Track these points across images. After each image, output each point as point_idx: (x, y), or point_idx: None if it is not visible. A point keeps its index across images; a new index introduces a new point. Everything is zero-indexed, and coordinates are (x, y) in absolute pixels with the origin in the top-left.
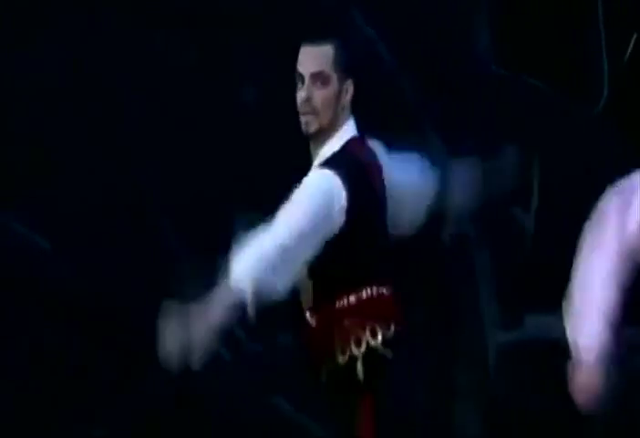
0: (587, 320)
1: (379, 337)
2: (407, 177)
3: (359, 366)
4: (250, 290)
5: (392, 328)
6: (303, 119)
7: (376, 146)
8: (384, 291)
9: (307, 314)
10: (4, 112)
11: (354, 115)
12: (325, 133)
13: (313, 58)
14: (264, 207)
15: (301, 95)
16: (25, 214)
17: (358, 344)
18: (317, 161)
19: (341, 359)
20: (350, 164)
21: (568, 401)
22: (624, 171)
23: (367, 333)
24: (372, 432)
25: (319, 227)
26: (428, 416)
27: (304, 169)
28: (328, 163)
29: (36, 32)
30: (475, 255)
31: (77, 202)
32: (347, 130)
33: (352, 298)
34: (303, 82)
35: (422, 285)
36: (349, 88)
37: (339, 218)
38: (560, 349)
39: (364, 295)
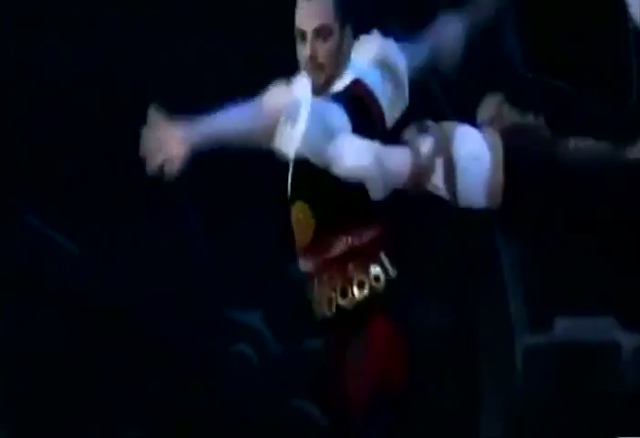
0: None
1: (382, 278)
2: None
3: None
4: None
5: (390, 265)
6: (309, 74)
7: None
8: (381, 231)
9: (301, 259)
10: (34, 119)
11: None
12: (329, 81)
13: (314, 13)
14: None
15: (305, 52)
16: (55, 219)
17: (361, 287)
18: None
19: (346, 301)
20: (353, 101)
21: (594, 404)
22: None
23: (371, 276)
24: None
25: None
26: (455, 418)
27: None
28: (334, 98)
29: (52, 32)
30: (503, 255)
31: (106, 207)
32: (349, 74)
33: (353, 240)
34: (304, 38)
35: (450, 286)
36: (349, 33)
37: None
38: (588, 352)
39: (364, 237)
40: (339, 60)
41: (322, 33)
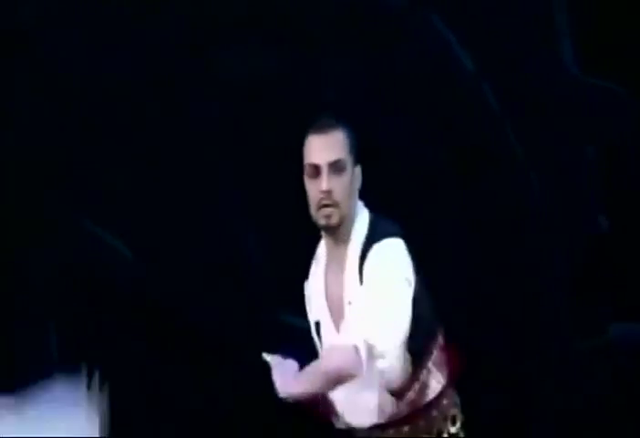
0: None
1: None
2: None
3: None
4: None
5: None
6: (322, 212)
7: None
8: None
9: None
10: (90, 127)
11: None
12: (343, 226)
13: (328, 147)
14: None
15: (321, 187)
16: (111, 225)
17: (454, 422)
18: (352, 255)
19: None
20: None
21: None
22: None
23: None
24: None
25: None
26: (505, 422)
27: None
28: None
29: (107, 36)
30: (557, 260)
31: (159, 212)
32: (361, 219)
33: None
34: (318, 173)
35: (504, 290)
36: (359, 173)
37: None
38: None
39: (433, 385)
40: (353, 199)
41: (337, 167)
